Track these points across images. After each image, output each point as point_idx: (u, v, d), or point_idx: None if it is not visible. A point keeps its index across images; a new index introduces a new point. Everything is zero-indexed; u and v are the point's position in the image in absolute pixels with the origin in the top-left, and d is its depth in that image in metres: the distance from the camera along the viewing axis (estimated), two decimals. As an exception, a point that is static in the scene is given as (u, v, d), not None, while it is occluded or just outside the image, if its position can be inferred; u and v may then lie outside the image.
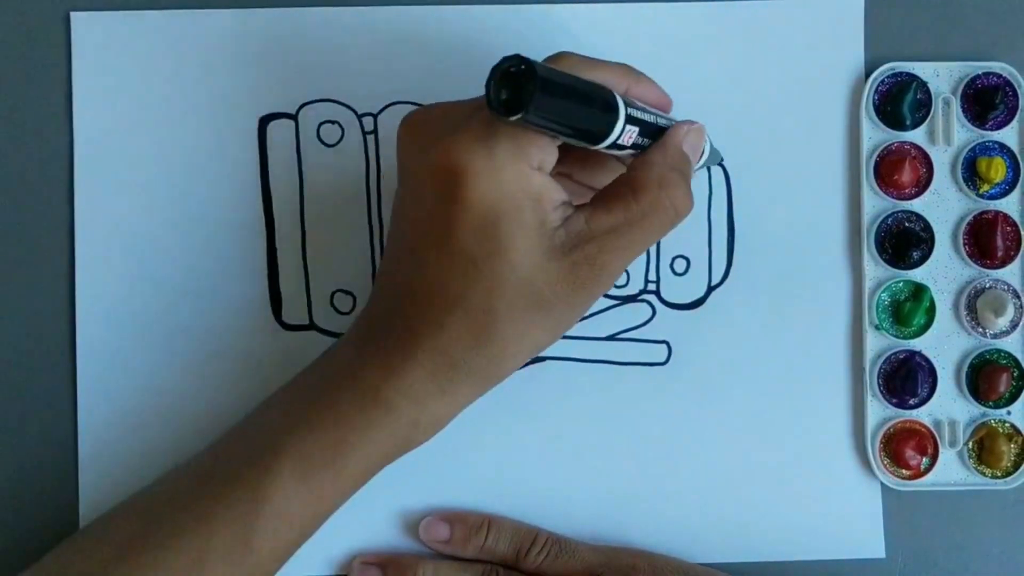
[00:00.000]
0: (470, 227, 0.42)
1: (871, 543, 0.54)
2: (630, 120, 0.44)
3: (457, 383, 0.45)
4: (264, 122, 0.54)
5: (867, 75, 0.55)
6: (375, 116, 0.54)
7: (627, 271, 0.55)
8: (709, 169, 0.55)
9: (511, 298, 0.43)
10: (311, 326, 0.54)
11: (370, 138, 0.54)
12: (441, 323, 0.44)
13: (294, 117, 0.54)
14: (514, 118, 0.39)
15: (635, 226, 0.44)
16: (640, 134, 0.45)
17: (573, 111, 0.41)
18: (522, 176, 0.43)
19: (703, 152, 0.50)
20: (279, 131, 0.54)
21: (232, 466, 0.46)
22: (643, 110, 0.46)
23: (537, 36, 0.55)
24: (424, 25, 0.55)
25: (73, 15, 0.54)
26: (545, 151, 0.43)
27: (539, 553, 0.52)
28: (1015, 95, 0.55)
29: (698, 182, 0.54)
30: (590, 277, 0.44)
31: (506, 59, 0.39)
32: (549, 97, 0.39)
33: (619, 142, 0.44)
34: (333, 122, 0.54)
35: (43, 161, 0.54)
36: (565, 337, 0.54)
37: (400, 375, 0.45)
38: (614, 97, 0.43)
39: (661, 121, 0.47)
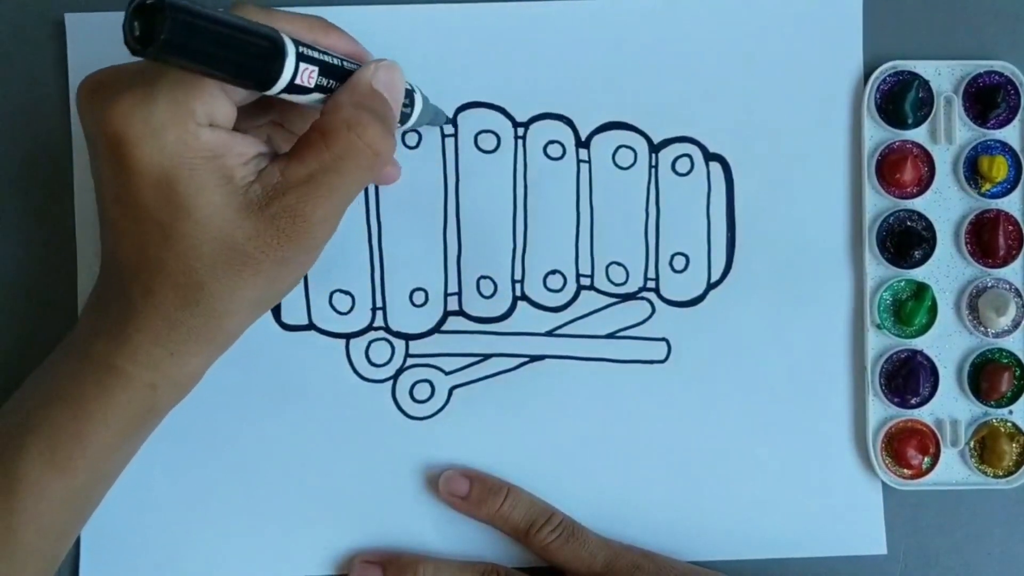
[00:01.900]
0: (147, 193, 0.42)
1: (873, 542, 0.54)
2: (306, 59, 0.42)
3: (183, 344, 0.45)
4: (261, 122, 0.54)
5: (869, 74, 0.55)
6: (373, 116, 0.54)
7: (626, 268, 0.55)
8: (708, 165, 0.55)
9: (209, 257, 0.43)
10: (310, 326, 0.54)
11: (368, 138, 0.54)
12: (150, 288, 0.44)
13: (291, 117, 0.54)
14: (146, 52, 0.37)
15: (331, 171, 0.43)
16: (323, 75, 0.43)
17: (223, 49, 0.39)
18: (188, 135, 0.42)
19: (414, 101, 0.49)
20: (277, 131, 0.54)
21: None
22: (327, 54, 0.44)
23: (536, 33, 0.55)
24: (419, 24, 0.55)
25: (68, 16, 0.54)
26: (215, 104, 0.42)
27: (552, 532, 0.52)
28: (1017, 94, 0.55)
29: (697, 179, 0.55)
30: (294, 228, 0.43)
31: None
32: (187, 31, 0.37)
33: (298, 83, 0.42)
34: (331, 122, 0.54)
35: (42, 163, 0.54)
36: (564, 336, 0.55)
37: (126, 342, 0.44)
38: (279, 36, 0.42)
39: (350, 66, 0.46)
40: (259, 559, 0.53)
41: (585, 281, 0.55)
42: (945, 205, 0.55)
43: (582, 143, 0.55)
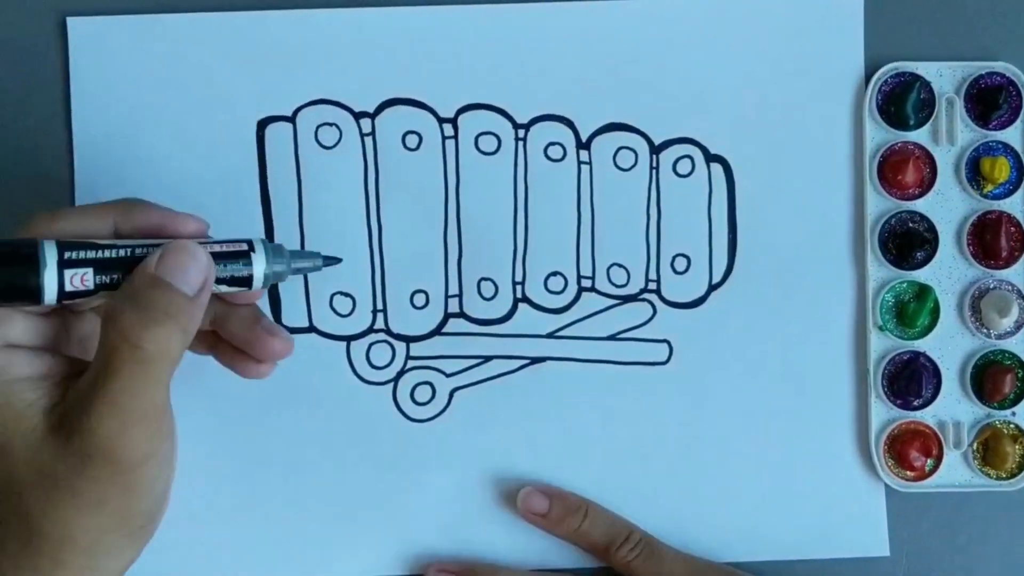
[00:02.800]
0: None
1: (875, 544, 0.54)
2: (75, 264, 0.40)
3: (46, 572, 0.42)
4: (262, 125, 0.54)
5: (870, 75, 0.55)
6: (372, 117, 0.54)
7: (627, 270, 0.55)
8: (709, 167, 0.55)
9: (28, 483, 0.41)
10: (311, 328, 0.54)
11: (368, 140, 0.54)
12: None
13: (292, 120, 0.54)
14: None
15: (104, 377, 0.40)
16: (102, 272, 0.41)
17: None
18: None
19: (252, 261, 0.45)
20: (277, 134, 0.54)
21: None
22: (129, 254, 0.42)
23: (536, 34, 0.55)
24: (420, 26, 0.54)
25: (70, 20, 0.54)
26: (10, 324, 0.41)
27: (632, 549, 0.52)
28: (1019, 95, 0.55)
29: (698, 180, 0.55)
30: (87, 447, 0.40)
31: None
32: None
33: (73, 290, 0.40)
34: (331, 124, 0.54)
35: (42, 166, 0.54)
36: (565, 338, 0.55)
37: None
38: (33, 249, 0.39)
39: (142, 252, 0.42)
40: (257, 562, 0.54)
41: (586, 283, 0.55)
42: (947, 206, 0.55)
43: (583, 144, 0.55)
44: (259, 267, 0.45)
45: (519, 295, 0.55)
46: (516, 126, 0.55)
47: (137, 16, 0.54)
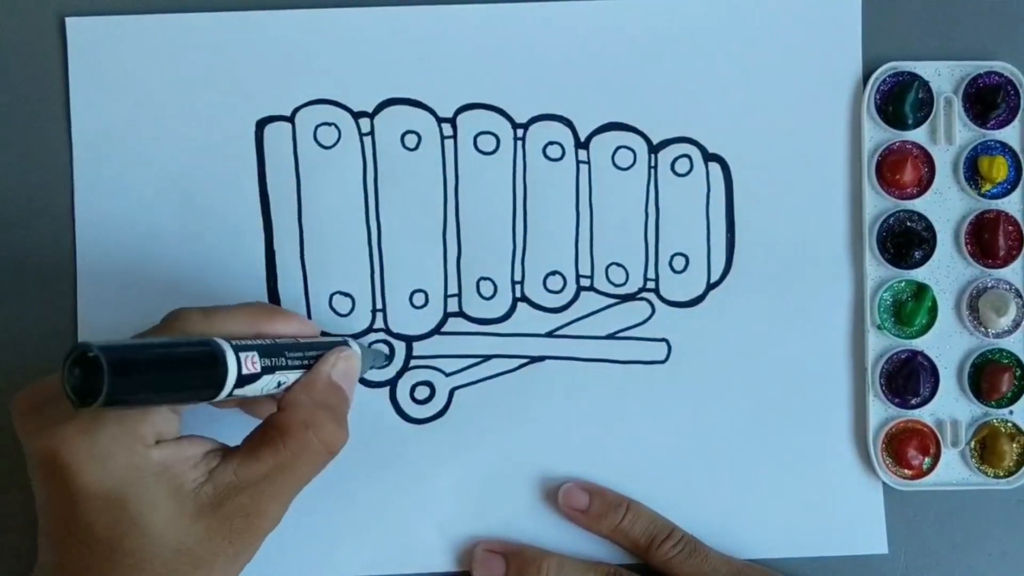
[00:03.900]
0: (93, 516, 0.41)
1: (873, 542, 0.54)
2: (245, 349, 0.42)
3: None
4: (261, 125, 0.54)
5: (869, 74, 0.55)
6: (371, 117, 0.54)
7: (625, 269, 0.55)
8: (707, 166, 0.55)
9: (164, 566, 0.42)
10: (310, 328, 0.54)
11: (367, 139, 0.54)
12: None
13: (291, 120, 0.54)
14: (87, 409, 0.37)
15: (287, 470, 0.44)
16: (268, 355, 0.44)
17: (164, 381, 0.40)
18: (136, 457, 0.41)
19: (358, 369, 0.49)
20: (276, 134, 0.54)
21: None
22: (274, 342, 0.45)
23: (535, 34, 0.55)
24: (419, 25, 0.55)
25: (68, 20, 0.54)
26: (160, 422, 0.42)
27: (673, 547, 0.52)
28: (1016, 94, 0.55)
29: (696, 180, 0.55)
30: (248, 525, 0.43)
31: (75, 346, 0.38)
32: (127, 378, 0.38)
33: (244, 389, 0.42)
34: (329, 124, 0.54)
35: (41, 167, 0.54)
36: (564, 337, 0.55)
37: None
38: (217, 346, 0.42)
39: (311, 353, 0.46)
40: (256, 563, 0.53)
41: (585, 282, 0.55)
42: (945, 206, 0.55)
43: (581, 144, 0.55)
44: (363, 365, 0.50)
45: (518, 294, 0.55)
46: (515, 126, 0.55)
47: (136, 16, 0.54)
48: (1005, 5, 0.55)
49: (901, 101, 0.54)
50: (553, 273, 0.55)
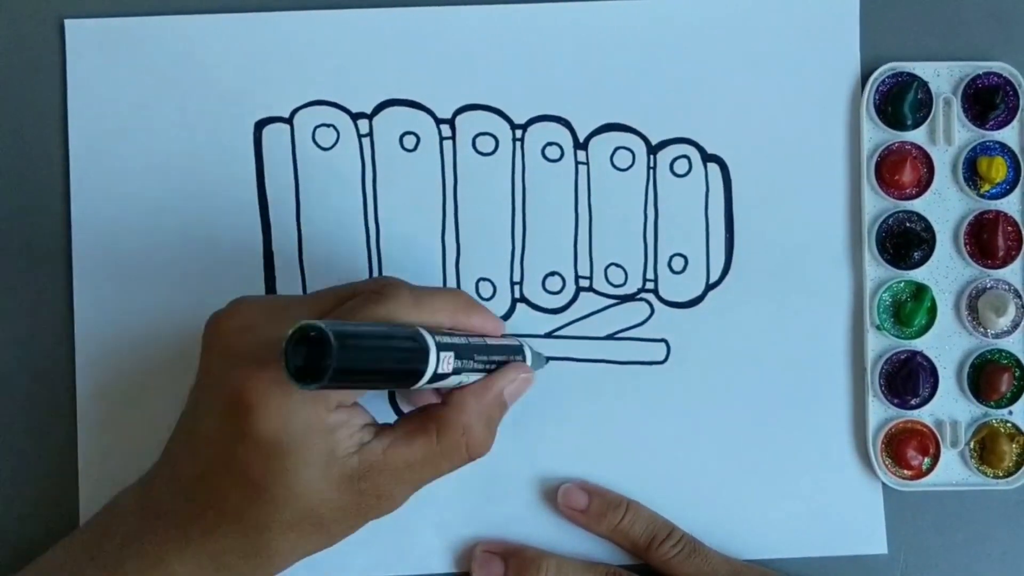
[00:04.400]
0: (254, 457, 0.42)
1: (873, 542, 0.54)
2: (444, 348, 0.43)
3: None
4: (259, 126, 0.54)
5: (868, 75, 0.55)
6: (370, 118, 0.54)
7: (624, 269, 0.55)
8: (706, 167, 0.55)
9: (289, 520, 0.43)
10: (309, 329, 0.54)
11: (365, 140, 0.54)
12: (213, 531, 0.44)
13: (289, 121, 0.54)
14: (309, 388, 0.38)
15: (430, 464, 0.45)
16: (460, 357, 0.44)
17: (375, 368, 0.41)
18: (316, 417, 0.43)
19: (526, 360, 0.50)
20: (274, 135, 0.54)
21: None
22: (468, 342, 0.46)
23: (533, 35, 0.55)
24: (417, 26, 0.55)
25: (67, 22, 0.54)
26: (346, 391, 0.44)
27: (673, 547, 0.52)
28: (1015, 95, 0.55)
29: (695, 180, 0.55)
30: (375, 506, 0.45)
31: (303, 327, 0.38)
32: (347, 364, 0.38)
33: (440, 372, 0.43)
34: (328, 125, 0.54)
35: (39, 168, 0.54)
36: (563, 337, 0.55)
37: (165, 568, 0.44)
38: (424, 343, 0.42)
39: (494, 357, 0.47)
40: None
41: (584, 283, 0.55)
42: (944, 206, 0.55)
43: (580, 145, 0.55)
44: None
45: (517, 295, 0.55)
46: (513, 126, 0.55)
47: (134, 18, 0.54)
48: (1004, 6, 0.55)
49: (900, 102, 0.54)
50: (552, 274, 0.55)
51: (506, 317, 0.55)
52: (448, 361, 0.43)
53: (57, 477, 0.54)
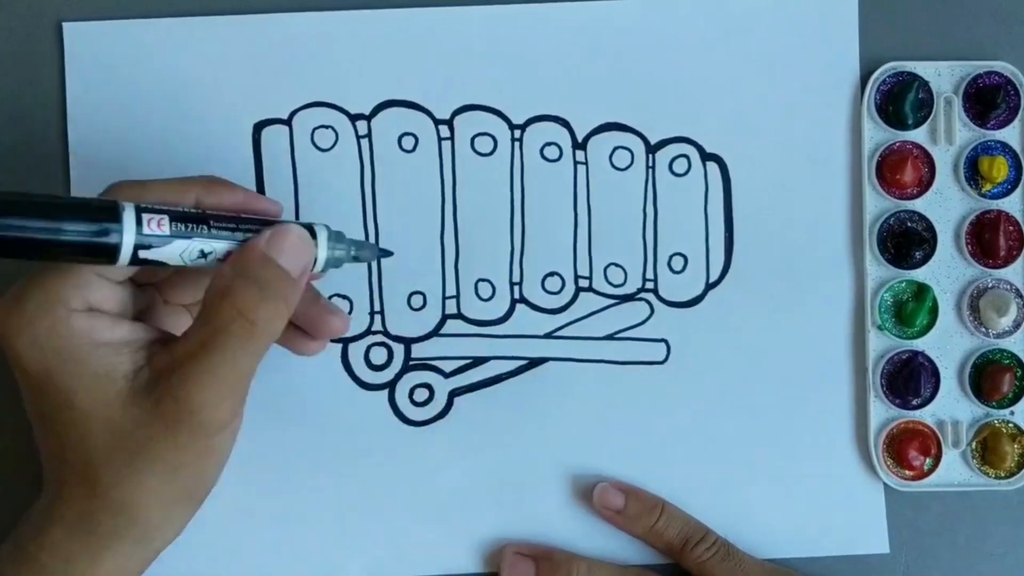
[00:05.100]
0: (32, 388, 0.41)
1: (875, 542, 0.54)
2: (152, 211, 0.41)
3: (96, 539, 0.43)
4: (258, 128, 0.54)
5: (869, 75, 0.54)
6: (368, 119, 0.54)
7: (624, 269, 0.55)
8: (705, 166, 0.55)
9: (102, 446, 0.41)
10: (308, 330, 0.54)
11: (364, 141, 0.54)
12: (60, 478, 0.42)
13: (288, 123, 0.54)
14: None
15: (211, 347, 0.41)
16: (182, 221, 0.42)
17: (48, 229, 0.39)
18: (58, 323, 0.40)
19: (317, 244, 0.46)
20: (273, 137, 0.54)
21: None
22: (198, 211, 0.43)
23: (531, 35, 0.55)
24: (415, 27, 0.54)
25: (65, 25, 0.54)
26: (90, 288, 0.41)
27: (708, 549, 0.52)
28: (1017, 94, 0.54)
29: (694, 179, 0.55)
30: (179, 412, 0.41)
31: None
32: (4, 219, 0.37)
33: (148, 234, 0.41)
34: (327, 127, 0.54)
35: (38, 171, 0.54)
36: (563, 337, 0.55)
37: (43, 532, 0.43)
38: (113, 204, 0.40)
39: (246, 228, 0.44)
40: (257, 568, 0.54)
41: (583, 283, 0.55)
42: (945, 206, 0.55)
43: (579, 144, 0.55)
44: (322, 251, 0.46)
45: (516, 296, 0.55)
46: (512, 127, 0.55)
47: (132, 21, 0.54)
48: (1005, 5, 0.55)
49: (901, 101, 0.54)
50: (551, 274, 0.55)
51: (505, 318, 0.55)
52: (159, 223, 0.41)
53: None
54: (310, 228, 0.46)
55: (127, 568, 0.44)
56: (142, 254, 0.41)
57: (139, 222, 0.41)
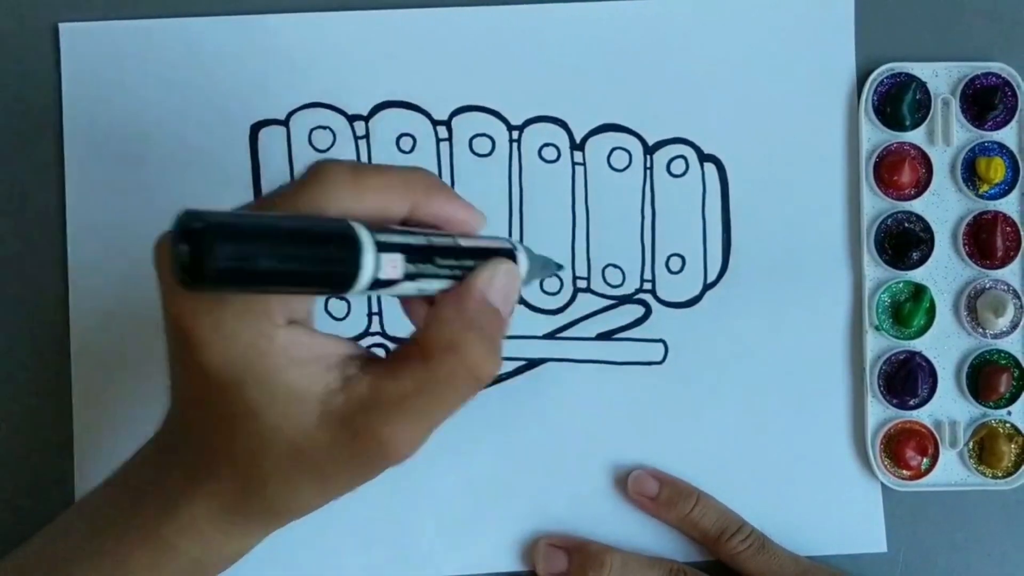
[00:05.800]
0: (211, 391, 0.38)
1: (872, 541, 0.54)
2: (388, 248, 0.36)
3: (235, 526, 0.41)
4: (255, 129, 0.54)
5: (866, 76, 0.54)
6: (366, 120, 0.54)
7: (622, 270, 0.54)
8: (702, 167, 0.55)
9: (277, 459, 0.39)
10: (306, 331, 0.54)
11: (362, 142, 0.54)
12: (215, 473, 0.40)
13: (285, 123, 0.54)
14: (196, 286, 0.31)
15: (426, 394, 0.38)
16: (414, 260, 0.37)
17: (281, 269, 0.33)
18: (262, 339, 0.37)
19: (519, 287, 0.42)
20: (271, 138, 0.54)
21: None
22: (428, 242, 0.38)
23: (530, 36, 0.55)
24: (413, 28, 0.54)
25: (61, 26, 0.54)
26: (294, 299, 0.38)
27: (742, 541, 0.52)
28: (1014, 95, 0.54)
29: (692, 180, 0.55)
30: (375, 451, 0.38)
31: (186, 215, 0.31)
32: (236, 262, 0.31)
33: (383, 279, 0.36)
34: (324, 128, 0.54)
35: (34, 172, 0.54)
36: (560, 338, 0.55)
37: (178, 516, 0.41)
38: (355, 236, 0.34)
39: (466, 262, 0.39)
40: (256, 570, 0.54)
41: (581, 284, 0.55)
42: (943, 207, 0.55)
43: (577, 145, 0.55)
44: (523, 277, 0.43)
45: (515, 296, 0.55)
46: (510, 128, 0.55)
47: (129, 21, 0.54)
48: (1003, 6, 0.55)
49: (899, 102, 0.54)
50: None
51: (504, 318, 0.55)
52: (394, 265, 0.36)
53: (52, 479, 0.54)
54: (511, 253, 0.42)
55: (251, 547, 0.43)
56: (370, 292, 0.38)
57: (376, 263, 0.36)
